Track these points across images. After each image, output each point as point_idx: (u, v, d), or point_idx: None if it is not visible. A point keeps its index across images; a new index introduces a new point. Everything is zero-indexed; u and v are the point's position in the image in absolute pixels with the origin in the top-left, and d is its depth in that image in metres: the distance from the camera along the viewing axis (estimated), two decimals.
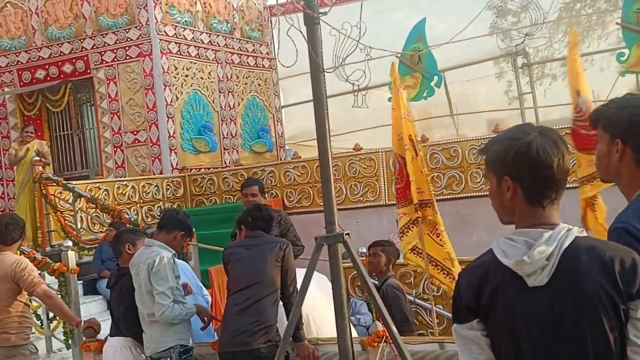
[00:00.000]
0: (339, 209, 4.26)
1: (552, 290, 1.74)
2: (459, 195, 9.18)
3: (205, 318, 4.78)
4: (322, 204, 10.20)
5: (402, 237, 5.27)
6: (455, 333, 1.85)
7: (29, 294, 5.13)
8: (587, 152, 4.55)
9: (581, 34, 11.74)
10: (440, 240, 5.14)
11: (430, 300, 5.93)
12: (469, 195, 8.97)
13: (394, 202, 9.49)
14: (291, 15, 4.78)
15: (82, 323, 5.12)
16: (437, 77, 11.68)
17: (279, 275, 4.44)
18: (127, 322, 4.64)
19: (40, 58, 12.28)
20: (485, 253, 1.86)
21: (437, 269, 5.12)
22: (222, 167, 12.04)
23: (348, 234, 3.92)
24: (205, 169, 11.89)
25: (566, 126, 6.52)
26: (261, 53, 13.84)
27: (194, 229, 4.95)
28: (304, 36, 4.13)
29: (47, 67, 12.23)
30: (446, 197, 9.20)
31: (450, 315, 6.03)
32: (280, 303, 4.51)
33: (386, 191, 9.69)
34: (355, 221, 9.22)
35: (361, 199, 9.85)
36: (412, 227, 5.03)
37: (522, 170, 1.82)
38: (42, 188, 9.16)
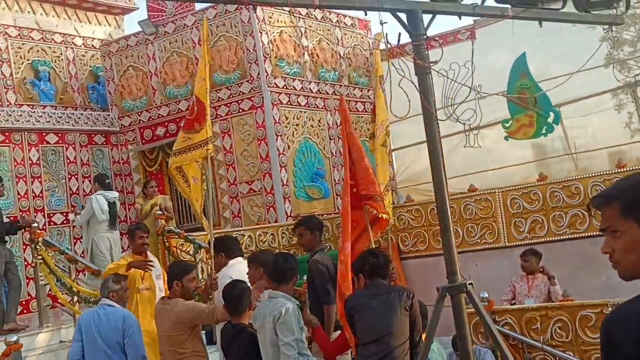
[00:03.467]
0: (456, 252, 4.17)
1: None
2: (583, 234, 8.80)
3: None
4: (437, 247, 10.07)
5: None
6: None
7: (216, 322, 5.38)
8: None
9: None
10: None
11: (559, 346, 5.68)
12: (595, 234, 8.57)
13: (515, 243, 9.29)
14: (397, 60, 4.78)
15: None
16: (553, 113, 11.37)
17: (407, 325, 4.37)
18: None
19: (160, 116, 12.92)
20: (634, 299, 1.75)
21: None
22: (335, 213, 12.11)
23: (471, 283, 3.82)
24: (318, 215, 11.98)
25: None
26: (369, 98, 13.94)
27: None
28: (415, 86, 4.13)
29: (166, 124, 12.84)
30: (570, 236, 8.86)
31: None
32: None
33: (505, 232, 9.43)
34: (475, 264, 9.00)
35: (479, 240, 9.62)
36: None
37: None
38: (165, 241, 9.52)
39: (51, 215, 12.14)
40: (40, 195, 12.06)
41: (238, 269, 5.62)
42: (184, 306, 5.31)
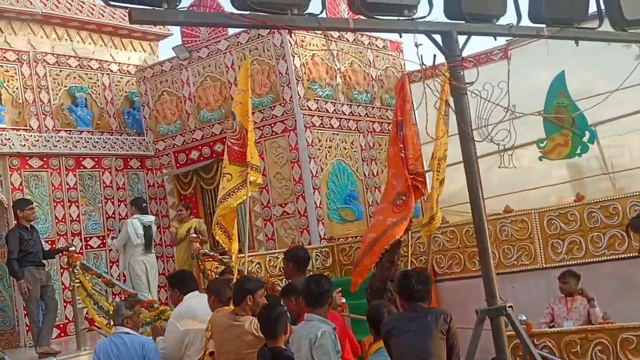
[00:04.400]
0: None
1: None
2: (622, 256, 8.65)
3: None
4: (473, 269, 9.91)
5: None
6: None
7: None
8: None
9: None
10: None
11: None
12: (634, 255, 8.40)
13: (552, 265, 9.15)
14: (432, 82, 4.79)
15: None
16: (588, 133, 11.27)
17: (444, 349, 4.31)
18: None
19: (194, 140, 13.07)
20: None
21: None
22: None
23: (511, 306, 3.78)
24: (352, 237, 11.97)
25: None
26: None
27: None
28: (451, 107, 4.12)
29: (200, 147, 12.98)
30: (608, 258, 8.70)
31: None
32: None
33: (542, 254, 9.29)
34: (511, 286, 8.89)
35: (515, 262, 9.50)
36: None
37: None
38: (200, 264, 9.57)
39: (88, 239, 12.30)
40: (78, 219, 12.24)
41: (190, 304, 5.88)
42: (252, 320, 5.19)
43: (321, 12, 3.89)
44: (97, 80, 13.42)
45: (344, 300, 5.60)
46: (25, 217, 8.76)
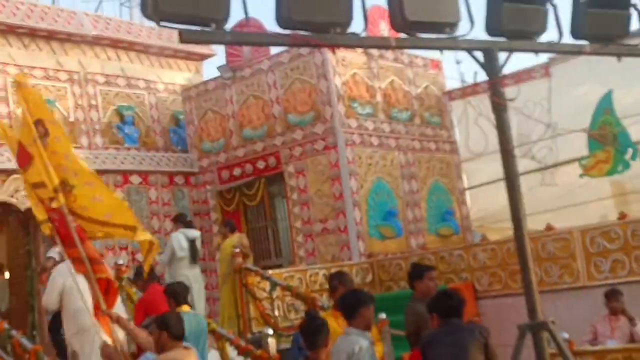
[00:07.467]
0: None
1: None
2: None
3: None
4: (515, 287, 9.84)
5: None
6: None
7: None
8: None
9: None
10: None
11: None
12: None
13: (595, 283, 9.05)
14: (472, 99, 4.87)
15: None
16: (631, 149, 11.15)
17: None
18: None
19: (237, 157, 13.28)
20: None
21: None
22: (409, 252, 12.09)
23: (553, 321, 3.80)
24: (392, 254, 11.99)
25: None
26: (442, 137, 13.96)
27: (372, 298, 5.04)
28: (492, 123, 4.18)
29: (243, 164, 13.18)
30: None
31: None
32: None
33: (584, 272, 9.19)
34: (554, 304, 8.80)
35: (558, 281, 9.41)
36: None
37: None
38: (242, 278, 9.70)
39: (134, 253, 12.56)
40: None
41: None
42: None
43: (363, 31, 4.00)
44: (144, 99, 13.77)
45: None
46: None
